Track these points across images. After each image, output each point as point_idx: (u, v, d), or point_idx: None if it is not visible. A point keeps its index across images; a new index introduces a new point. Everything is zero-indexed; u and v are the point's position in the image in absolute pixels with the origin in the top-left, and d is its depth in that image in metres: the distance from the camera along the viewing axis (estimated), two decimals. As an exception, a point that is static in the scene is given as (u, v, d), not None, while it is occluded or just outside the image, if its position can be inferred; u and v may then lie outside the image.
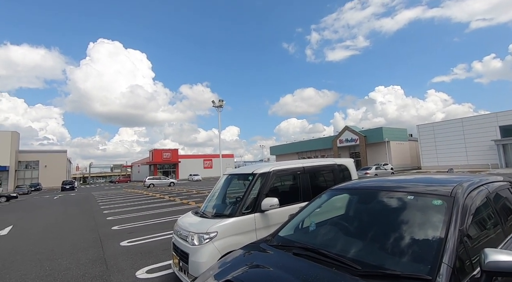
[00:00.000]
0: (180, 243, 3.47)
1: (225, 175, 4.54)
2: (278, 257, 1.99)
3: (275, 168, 3.91)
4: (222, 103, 14.93)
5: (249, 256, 2.24)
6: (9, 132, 44.73)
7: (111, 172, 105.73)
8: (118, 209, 12.90)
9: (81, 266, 4.83)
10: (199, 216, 3.84)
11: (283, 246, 2.13)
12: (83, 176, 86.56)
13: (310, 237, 2.39)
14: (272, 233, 2.52)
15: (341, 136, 47.63)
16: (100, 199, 18.88)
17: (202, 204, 4.39)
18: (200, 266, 3.04)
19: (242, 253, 2.32)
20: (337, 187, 2.71)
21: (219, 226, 3.27)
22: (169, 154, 56.91)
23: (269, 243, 2.27)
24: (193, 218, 3.85)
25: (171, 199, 15.64)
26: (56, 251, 5.97)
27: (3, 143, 42.83)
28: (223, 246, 3.19)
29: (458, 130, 34.27)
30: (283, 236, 2.36)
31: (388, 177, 2.88)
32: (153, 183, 33.14)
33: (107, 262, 4.99)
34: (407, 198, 2.07)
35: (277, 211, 3.60)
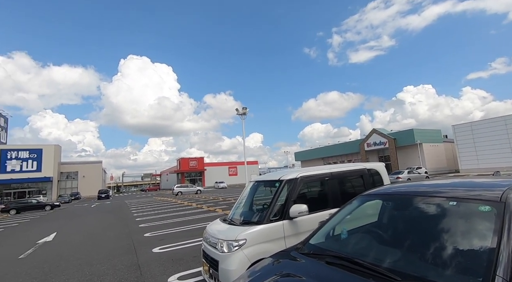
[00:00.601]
0: (210, 250, 3.51)
1: (252, 182, 4.55)
2: (310, 266, 1.94)
3: (302, 174, 3.85)
4: (246, 110, 15.11)
5: (279, 265, 2.21)
6: (53, 146, 48.73)
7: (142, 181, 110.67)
8: (149, 216, 13.41)
9: (117, 272, 5.06)
10: (227, 223, 3.87)
11: (315, 254, 2.08)
12: (117, 185, 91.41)
13: (342, 245, 2.31)
14: (302, 240, 2.47)
15: (368, 140, 45.87)
16: (133, 207, 19.78)
17: (229, 211, 4.43)
18: (230, 273, 3.05)
19: (272, 261, 2.29)
20: (369, 193, 2.60)
21: (248, 234, 3.27)
22: (195, 162, 58.40)
23: (300, 251, 2.22)
24: (221, 225, 3.88)
25: (199, 207, 15.96)
26: (94, 257, 6.32)
27: (48, 155, 46.72)
28: (252, 254, 3.17)
29: (501, 129, 31.49)
30: (314, 244, 2.30)
31: (424, 181, 2.72)
32: (181, 190, 34.11)
33: (141, 268, 5.17)
34: (448, 204, 1.93)
35: (306, 218, 3.52)
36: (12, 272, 5.64)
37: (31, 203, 25.32)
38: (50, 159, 46.90)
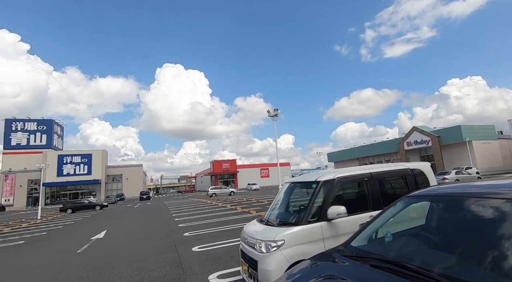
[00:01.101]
0: (248, 250, 3.59)
1: (287, 183, 4.56)
2: (354, 269, 1.90)
3: (339, 175, 3.76)
4: (277, 112, 15.12)
5: (321, 267, 2.19)
6: (100, 151, 53.37)
7: (178, 183, 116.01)
8: (187, 216, 14.02)
9: (161, 268, 5.38)
10: (264, 224, 3.92)
11: (358, 257, 2.03)
12: (156, 187, 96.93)
13: (387, 248, 2.22)
14: (343, 243, 2.42)
15: (408, 139, 42.99)
16: (171, 208, 20.83)
17: (264, 212, 4.48)
18: (269, 274, 3.09)
19: (313, 263, 2.28)
20: (415, 194, 2.46)
21: (286, 234, 3.28)
22: (228, 164, 59.69)
23: (342, 253, 2.18)
24: (258, 225, 3.94)
25: (233, 208, 16.28)
26: (140, 254, 6.79)
27: (97, 160, 51.27)
28: (291, 255, 3.18)
29: None
30: (357, 246, 2.24)
31: (476, 182, 2.51)
32: (215, 192, 35.09)
33: (182, 265, 5.44)
34: (508, 206, 1.76)
35: (345, 220, 3.44)
36: (72, 265, 6.30)
37: (83, 203, 27.95)
38: (98, 163, 51.37)
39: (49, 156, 46.87)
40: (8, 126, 49.30)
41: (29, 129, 50.29)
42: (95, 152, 52.56)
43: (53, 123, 53.02)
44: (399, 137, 46.83)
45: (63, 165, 49.09)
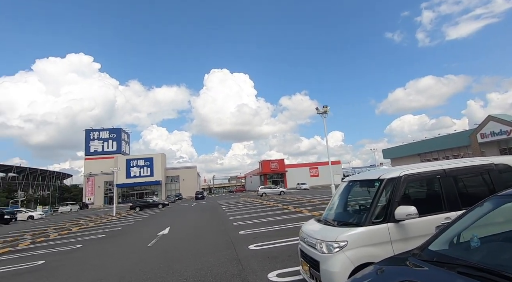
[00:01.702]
0: (309, 250, 3.54)
1: (345, 182, 4.37)
2: (437, 275, 1.73)
3: (406, 172, 3.45)
4: (327, 109, 14.60)
5: (395, 271, 2.05)
6: (160, 154, 58.70)
7: (229, 183, 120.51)
8: (240, 215, 14.49)
9: (222, 264, 5.65)
10: (323, 224, 3.82)
11: (440, 262, 1.84)
12: (209, 187, 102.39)
13: (474, 254, 1.96)
14: (418, 246, 2.22)
15: (482, 130, 37.34)
16: (225, 207, 21.76)
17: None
18: (333, 275, 3.00)
19: (383, 267, 2.14)
20: (508, 193, 2.12)
21: (349, 235, 3.15)
22: (276, 164, 59.85)
23: (419, 258, 2.00)
24: (317, 225, 3.86)
25: (285, 207, 16.26)
26: (201, 250, 7.25)
27: (157, 163, 56.52)
28: (355, 257, 3.04)
29: None
30: (436, 251, 2.03)
31: None
32: (265, 192, 35.52)
33: (241, 263, 5.64)
34: None
35: (416, 222, 3.14)
36: (146, 257, 7.05)
37: (148, 202, 31.05)
38: (158, 166, 56.51)
39: (119, 160, 53.26)
40: (87, 136, 57.56)
41: (103, 138, 57.93)
42: (155, 156, 58.00)
43: (121, 131, 60.15)
44: (470, 129, 41.01)
45: (130, 168, 55.29)
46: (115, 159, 54.11)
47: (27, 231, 17.41)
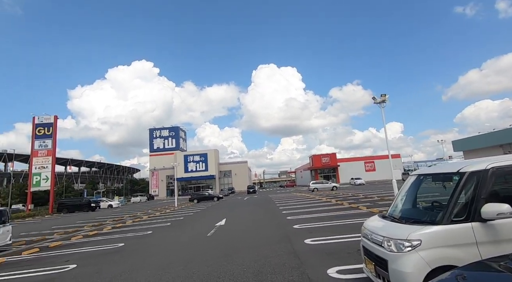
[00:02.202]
0: (374, 248, 3.32)
1: (414, 176, 3.96)
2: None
3: (494, 164, 2.95)
4: (385, 97, 13.38)
5: (490, 280, 1.77)
6: (213, 150, 62.05)
7: (279, 178, 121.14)
8: (293, 210, 14.43)
9: (279, 257, 5.71)
10: (390, 221, 3.53)
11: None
12: (259, 181, 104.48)
13: None
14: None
15: None
16: (277, 201, 21.94)
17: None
18: (405, 276, 2.76)
19: (471, 273, 1.87)
20: None
21: (423, 234, 2.84)
22: (328, 158, 57.82)
23: (523, 264, 1.69)
24: (383, 222, 3.59)
25: (339, 203, 15.63)
26: (257, 241, 7.44)
27: (211, 158, 59.89)
28: (432, 258, 2.73)
29: None
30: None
31: None
32: (316, 187, 34.70)
33: (299, 256, 5.61)
34: None
35: (510, 222, 2.68)
36: (206, 246, 7.55)
37: (205, 195, 33.17)
38: (212, 161, 59.80)
39: (178, 156, 57.95)
40: (151, 135, 64.02)
41: (164, 136, 63.72)
42: (209, 151, 61.51)
43: (179, 130, 65.32)
44: None
45: (188, 163, 59.73)
46: (174, 155, 59.06)
47: (108, 217, 20.25)
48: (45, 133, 35.18)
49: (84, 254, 7.92)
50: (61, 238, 11.44)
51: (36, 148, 34.91)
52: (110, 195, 61.39)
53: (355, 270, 4.41)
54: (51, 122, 35.51)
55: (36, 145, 34.94)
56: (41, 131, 35.15)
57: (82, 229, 13.88)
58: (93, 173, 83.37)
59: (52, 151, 35.26)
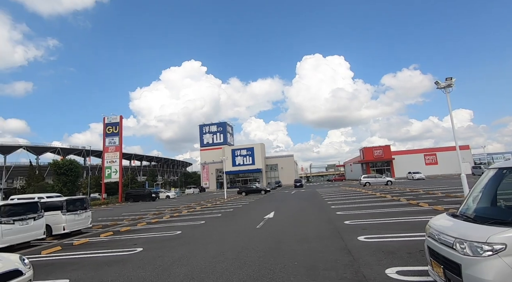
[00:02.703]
0: (442, 250, 2.97)
1: (494, 169, 3.40)
2: None
3: None
4: (451, 81, 11.68)
5: None
6: (259, 144, 62.99)
7: (326, 171, 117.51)
8: (343, 205, 13.85)
9: (331, 252, 5.53)
10: (462, 220, 3.11)
11: None
12: (306, 175, 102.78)
13: None
14: None
15: None
16: (325, 195, 21.32)
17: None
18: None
19: None
20: None
21: (508, 237, 2.43)
22: (381, 150, 53.89)
23: None
24: (453, 221, 3.18)
25: (395, 199, 14.47)
26: (307, 235, 7.32)
27: (257, 152, 60.92)
28: (522, 266, 2.32)
29: None
30: None
31: None
32: (368, 181, 32.70)
33: (351, 253, 5.35)
34: None
35: None
36: (256, 237, 7.72)
37: (252, 188, 33.96)
38: (259, 155, 60.78)
39: (226, 151, 60.33)
40: (201, 130, 67.76)
41: (212, 131, 66.83)
42: (255, 145, 62.60)
43: (226, 125, 67.78)
44: None
45: (235, 157, 61.76)
46: (222, 149, 61.61)
47: (166, 207, 22.21)
48: (113, 131, 39.98)
49: (148, 239, 8.81)
50: (129, 223, 12.93)
51: (106, 144, 39.94)
52: (167, 187, 67.07)
53: (418, 272, 4.04)
54: (117, 122, 40.17)
55: (107, 142, 39.95)
56: (110, 130, 40.02)
57: (146, 217, 15.47)
58: (152, 166, 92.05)
59: (119, 147, 39.95)
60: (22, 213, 8.57)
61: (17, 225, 8.28)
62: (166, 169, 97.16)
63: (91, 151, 63.37)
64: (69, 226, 10.41)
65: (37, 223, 8.89)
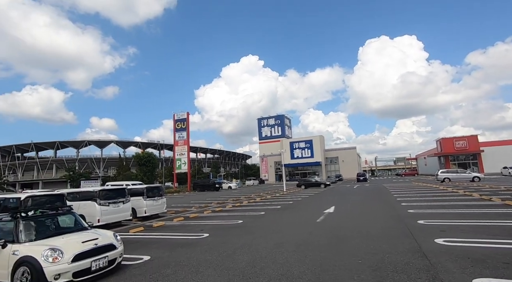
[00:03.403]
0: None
1: None
2: None
3: None
4: None
5: None
6: (318, 136, 61.05)
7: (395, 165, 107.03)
8: (416, 202, 12.41)
9: (400, 254, 5.01)
10: None
11: None
12: (371, 169, 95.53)
13: None
14: None
15: None
16: (393, 191, 19.45)
17: None
18: None
19: None
20: None
21: None
22: (464, 141, 46.19)
23: None
24: None
25: (484, 198, 12.25)
26: (372, 233, 6.80)
27: (316, 145, 59.25)
28: None
29: None
30: None
31: None
32: (448, 177, 28.44)
33: (427, 256, 4.76)
34: None
35: None
36: (317, 231, 7.56)
37: (311, 181, 33.26)
38: (318, 147, 59.05)
39: (284, 143, 60.35)
40: (259, 124, 69.17)
41: (270, 124, 67.52)
42: (314, 138, 60.93)
43: (284, 118, 67.63)
44: None
45: (294, 150, 61.30)
46: (280, 142, 61.78)
47: (229, 197, 23.55)
48: (181, 127, 44.09)
49: (214, 226, 9.50)
50: (197, 211, 14.16)
51: (176, 138, 44.35)
52: (229, 178, 71.00)
53: (519, 288, 3.34)
54: (185, 118, 44.13)
55: (177, 136, 44.34)
56: (179, 125, 44.23)
57: (211, 205, 16.71)
58: (215, 158, 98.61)
59: (187, 140, 43.92)
60: (115, 197, 10.22)
61: (111, 207, 9.92)
62: (228, 161, 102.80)
63: (164, 145, 71.32)
64: (149, 210, 11.98)
65: (125, 206, 10.50)
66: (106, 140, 75.09)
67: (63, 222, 5.38)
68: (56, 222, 5.25)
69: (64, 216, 5.44)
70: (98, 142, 73.01)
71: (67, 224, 5.45)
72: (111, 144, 74.89)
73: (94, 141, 72.76)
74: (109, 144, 74.66)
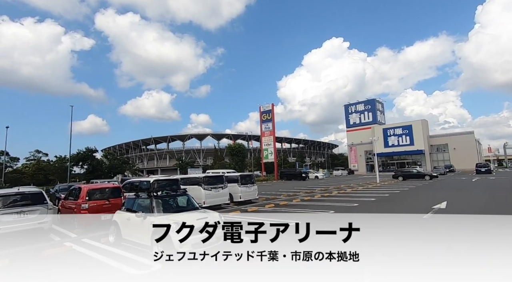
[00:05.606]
0: None
1: None
2: None
3: None
4: None
5: None
6: (419, 121, 52.55)
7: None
8: None
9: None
10: None
11: None
12: (497, 158, 76.01)
13: None
14: None
15: None
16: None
17: None
18: None
19: None
20: None
21: None
22: None
23: None
24: None
25: None
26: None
27: (417, 130, 51.23)
28: None
29: None
30: None
31: None
32: None
33: None
34: None
35: None
36: (426, 231, 6.60)
37: (412, 172, 29.13)
38: (419, 133, 51.00)
39: (375, 130, 54.69)
40: (346, 110, 64.81)
41: (359, 110, 62.27)
42: (414, 123, 52.80)
43: (375, 102, 61.13)
44: None
45: (388, 137, 54.86)
46: (372, 129, 56.20)
47: (316, 187, 23.21)
48: (267, 118, 45.87)
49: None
50: (286, 199, 14.59)
51: (263, 129, 46.51)
52: (315, 168, 69.84)
53: None
54: (269, 109, 45.65)
55: (263, 128, 46.47)
56: (265, 117, 46.15)
57: (299, 194, 16.89)
58: (300, 148, 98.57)
59: (272, 131, 45.47)
60: (215, 183, 11.64)
61: (213, 191, 11.35)
62: (313, 151, 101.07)
63: (252, 136, 76.05)
64: (243, 196, 13.10)
65: (224, 191, 11.81)
66: (203, 133, 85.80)
67: (180, 201, 6.50)
68: (175, 201, 6.39)
69: (181, 197, 6.56)
70: (198, 135, 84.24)
71: (183, 203, 6.56)
72: (207, 137, 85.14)
73: (194, 134, 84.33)
74: (206, 136, 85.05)
